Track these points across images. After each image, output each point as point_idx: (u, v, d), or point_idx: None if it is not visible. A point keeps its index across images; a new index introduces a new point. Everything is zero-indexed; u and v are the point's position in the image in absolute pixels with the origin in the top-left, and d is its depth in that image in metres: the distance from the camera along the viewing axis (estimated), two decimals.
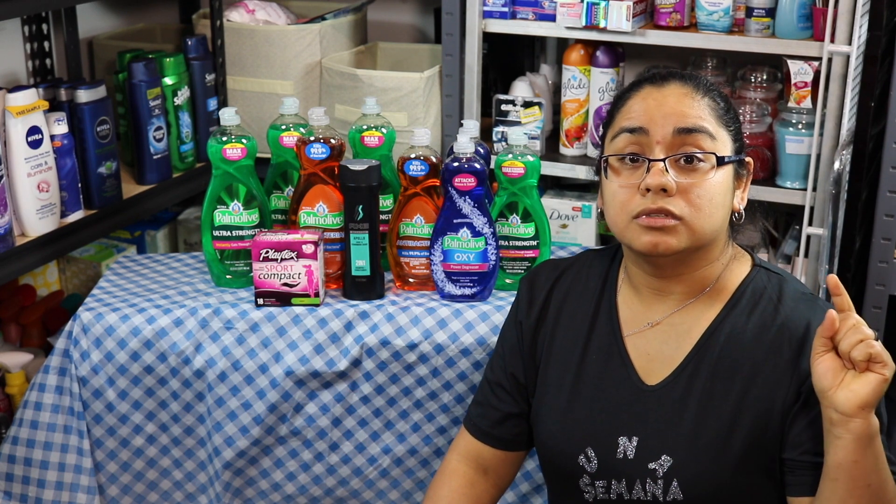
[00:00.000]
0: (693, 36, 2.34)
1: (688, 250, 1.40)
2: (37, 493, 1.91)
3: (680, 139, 1.38)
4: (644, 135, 1.39)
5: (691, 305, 1.46)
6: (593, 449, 1.47)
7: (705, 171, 1.38)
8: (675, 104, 1.40)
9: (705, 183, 1.37)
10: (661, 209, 1.36)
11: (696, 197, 1.37)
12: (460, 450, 1.64)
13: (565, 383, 1.52)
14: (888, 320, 2.31)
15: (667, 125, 1.38)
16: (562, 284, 1.58)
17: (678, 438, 1.41)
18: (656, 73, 1.47)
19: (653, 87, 1.43)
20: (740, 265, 1.48)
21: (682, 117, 1.39)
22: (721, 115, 1.42)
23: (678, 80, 1.44)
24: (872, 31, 2.17)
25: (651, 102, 1.41)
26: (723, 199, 1.40)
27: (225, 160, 1.90)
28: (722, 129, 1.42)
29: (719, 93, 1.46)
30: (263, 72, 2.64)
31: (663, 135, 1.38)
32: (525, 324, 1.58)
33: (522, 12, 2.46)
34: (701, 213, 1.37)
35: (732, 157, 1.41)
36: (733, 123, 1.44)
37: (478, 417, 1.63)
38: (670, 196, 1.36)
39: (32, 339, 2.40)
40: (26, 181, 2.04)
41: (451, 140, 2.43)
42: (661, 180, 1.36)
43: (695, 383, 1.42)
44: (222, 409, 1.89)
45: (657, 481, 1.42)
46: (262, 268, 1.86)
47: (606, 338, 1.51)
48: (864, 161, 2.22)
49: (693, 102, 1.41)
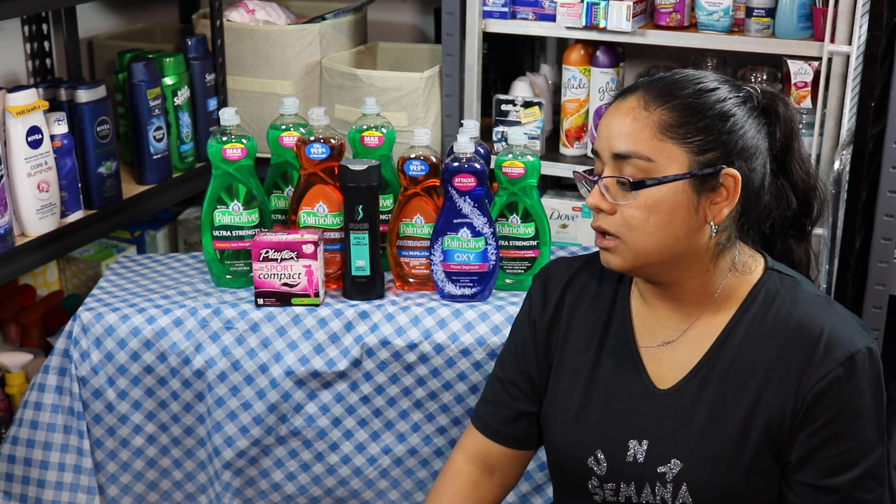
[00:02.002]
0: (693, 36, 2.34)
1: (647, 266, 1.40)
2: (37, 494, 1.91)
3: (618, 163, 1.38)
4: (598, 157, 1.42)
5: (703, 316, 1.45)
6: (603, 452, 1.46)
7: (632, 194, 1.37)
8: (617, 124, 1.38)
9: (637, 203, 1.36)
10: (599, 227, 1.40)
11: (630, 217, 1.37)
12: (466, 448, 1.63)
13: (577, 385, 1.51)
14: (888, 320, 2.31)
15: (608, 148, 1.39)
16: (575, 285, 1.57)
17: (689, 443, 1.41)
18: (628, 86, 1.45)
19: (616, 101, 1.43)
20: (751, 272, 1.45)
21: (616, 140, 1.37)
22: (672, 130, 1.36)
23: (640, 92, 1.39)
24: (872, 31, 2.17)
25: (605, 121, 1.41)
26: (667, 216, 1.36)
27: (225, 160, 1.90)
28: (671, 145, 1.35)
29: (686, 101, 1.37)
30: (263, 72, 2.64)
31: (607, 157, 1.39)
32: (539, 323, 1.57)
33: (522, 12, 2.46)
34: (636, 233, 1.37)
35: (668, 176, 1.35)
36: (699, 134, 1.36)
37: (488, 415, 1.61)
38: (610, 215, 1.39)
39: (32, 339, 2.40)
40: (26, 181, 2.04)
41: (451, 140, 2.43)
42: (594, 201, 1.40)
43: (707, 388, 1.41)
44: (222, 409, 1.89)
45: (666, 485, 1.41)
46: (262, 268, 1.86)
47: (619, 342, 1.50)
48: (864, 161, 2.22)
49: (634, 122, 1.37)
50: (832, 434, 1.35)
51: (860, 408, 1.35)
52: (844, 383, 1.35)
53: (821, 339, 1.36)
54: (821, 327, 1.37)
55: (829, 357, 1.35)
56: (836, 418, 1.35)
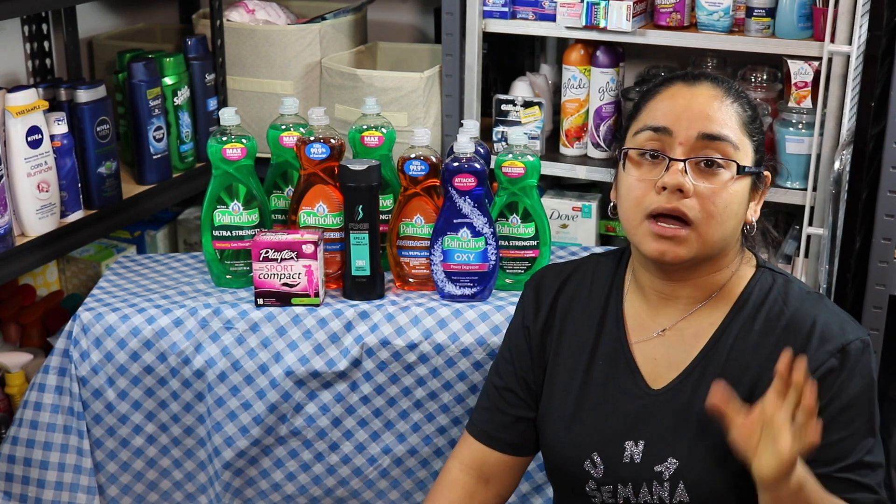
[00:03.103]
0: (693, 36, 2.33)
1: (696, 259, 1.39)
2: (37, 494, 1.91)
3: (703, 143, 1.37)
4: (667, 135, 1.38)
5: (698, 310, 1.46)
6: (599, 454, 1.46)
7: (724, 179, 1.37)
8: (703, 107, 1.38)
9: (723, 190, 1.36)
10: (676, 209, 1.35)
11: (712, 204, 1.35)
12: (462, 458, 1.62)
13: (572, 389, 1.51)
14: (888, 320, 2.31)
15: (692, 128, 1.37)
16: (567, 290, 1.57)
17: (684, 441, 1.41)
18: (689, 71, 1.46)
19: (684, 84, 1.41)
20: (746, 268, 1.47)
21: (708, 122, 1.37)
22: (747, 124, 1.41)
23: (710, 82, 1.42)
24: (872, 31, 2.17)
25: (679, 101, 1.39)
26: (737, 208, 1.39)
27: (225, 160, 1.90)
28: (746, 139, 1.40)
29: (748, 101, 1.43)
30: (263, 72, 2.64)
31: (686, 137, 1.37)
32: (532, 329, 1.57)
33: (522, 12, 2.46)
34: (713, 221, 1.36)
35: (752, 168, 1.40)
36: (757, 134, 1.42)
37: (485, 423, 1.61)
38: (686, 198, 1.35)
39: (32, 339, 2.40)
40: (26, 181, 2.04)
41: (451, 140, 2.42)
42: (678, 180, 1.35)
43: (702, 387, 1.41)
44: (222, 409, 1.89)
45: (663, 484, 1.41)
46: (262, 268, 1.86)
47: (613, 344, 1.50)
48: (864, 161, 2.22)
49: (721, 107, 1.39)
50: (824, 423, 1.34)
51: (853, 398, 1.36)
52: (837, 374, 1.36)
53: (813, 332, 1.38)
54: (813, 321, 1.39)
55: (821, 350, 1.36)
56: (827, 408, 1.35)
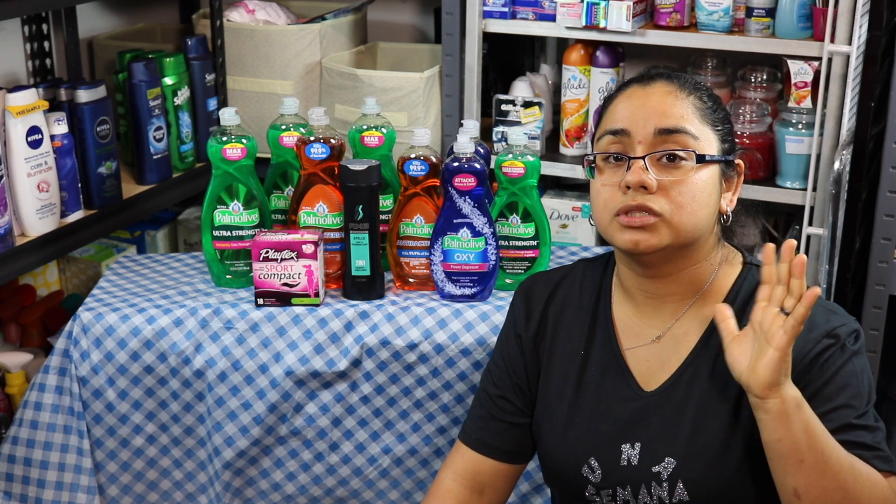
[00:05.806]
0: (693, 36, 2.34)
1: (671, 248, 1.40)
2: (37, 493, 1.91)
3: (661, 139, 1.39)
4: (626, 136, 1.41)
5: (688, 312, 1.46)
6: (596, 459, 1.47)
7: (687, 170, 1.38)
8: (657, 103, 1.41)
9: (686, 180, 1.38)
10: (641, 206, 1.37)
11: (678, 194, 1.38)
12: (456, 468, 1.61)
13: (565, 396, 1.52)
14: (888, 320, 2.31)
15: (648, 125, 1.39)
16: (557, 298, 1.58)
17: (680, 440, 1.42)
18: (643, 73, 1.48)
19: (638, 86, 1.44)
20: (732, 265, 1.48)
21: (663, 117, 1.40)
22: (706, 115, 1.42)
23: (664, 80, 1.44)
24: (872, 31, 2.17)
25: (635, 102, 1.42)
26: (707, 198, 1.40)
27: (225, 160, 1.90)
28: (707, 129, 1.41)
29: (708, 92, 1.46)
30: (263, 72, 2.64)
31: (644, 135, 1.39)
32: (525, 336, 1.58)
33: (522, 12, 2.46)
34: (682, 211, 1.38)
35: (716, 156, 1.41)
36: (721, 124, 1.44)
37: (479, 431, 1.61)
38: (651, 194, 1.37)
39: (32, 339, 2.40)
40: (26, 181, 2.04)
41: (451, 140, 2.43)
42: (640, 177, 1.37)
43: (694, 386, 1.43)
44: (222, 409, 1.89)
45: (662, 484, 1.42)
46: (262, 268, 1.86)
47: (604, 349, 1.51)
48: (864, 161, 2.22)
49: (676, 101, 1.41)
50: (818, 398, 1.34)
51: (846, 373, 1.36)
52: (827, 352, 1.36)
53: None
54: None
55: (809, 336, 1.36)
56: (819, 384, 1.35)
